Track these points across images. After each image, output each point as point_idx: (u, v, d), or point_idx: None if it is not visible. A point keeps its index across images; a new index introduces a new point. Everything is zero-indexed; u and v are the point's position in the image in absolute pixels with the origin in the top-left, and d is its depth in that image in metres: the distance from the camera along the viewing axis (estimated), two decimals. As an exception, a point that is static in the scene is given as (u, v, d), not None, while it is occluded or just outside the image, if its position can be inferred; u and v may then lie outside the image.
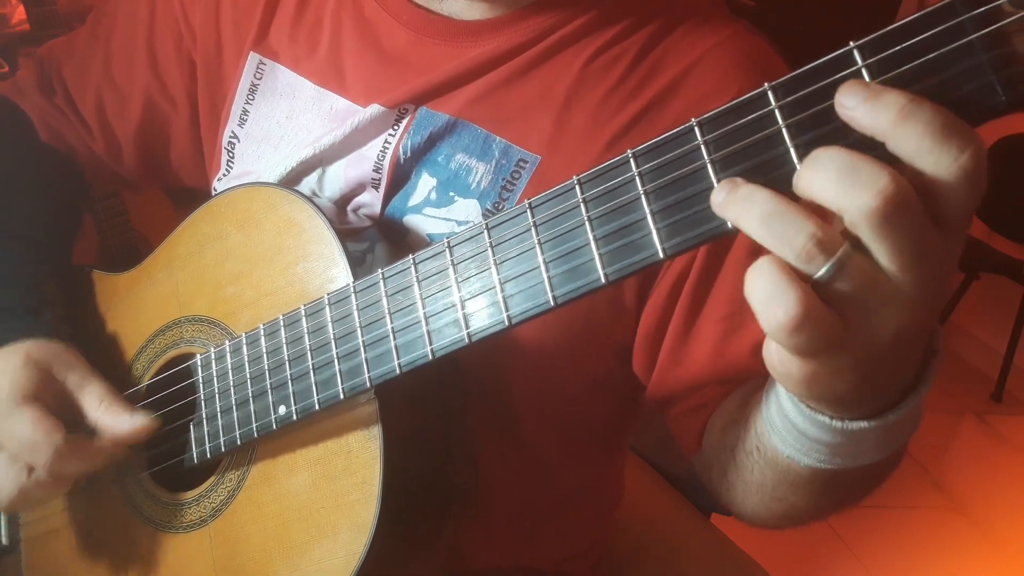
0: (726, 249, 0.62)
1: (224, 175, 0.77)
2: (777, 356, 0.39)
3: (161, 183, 0.93)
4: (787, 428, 0.48)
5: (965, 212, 0.35)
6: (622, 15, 0.65)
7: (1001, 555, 2.05)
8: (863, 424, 0.44)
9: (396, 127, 0.67)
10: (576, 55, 0.64)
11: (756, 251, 0.36)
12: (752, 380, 0.61)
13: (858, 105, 0.34)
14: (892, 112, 0.33)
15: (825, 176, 0.35)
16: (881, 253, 0.35)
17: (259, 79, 0.74)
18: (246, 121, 0.75)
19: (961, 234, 0.36)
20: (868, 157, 0.34)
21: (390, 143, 0.67)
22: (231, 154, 0.76)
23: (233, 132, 0.76)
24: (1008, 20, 0.33)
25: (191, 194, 0.88)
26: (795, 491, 0.53)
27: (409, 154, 0.67)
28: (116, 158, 0.85)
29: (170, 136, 0.84)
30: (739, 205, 0.37)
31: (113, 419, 0.62)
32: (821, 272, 0.35)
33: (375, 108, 0.67)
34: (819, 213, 0.36)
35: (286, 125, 0.73)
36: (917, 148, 0.33)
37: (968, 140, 0.33)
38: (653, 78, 0.63)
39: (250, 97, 0.75)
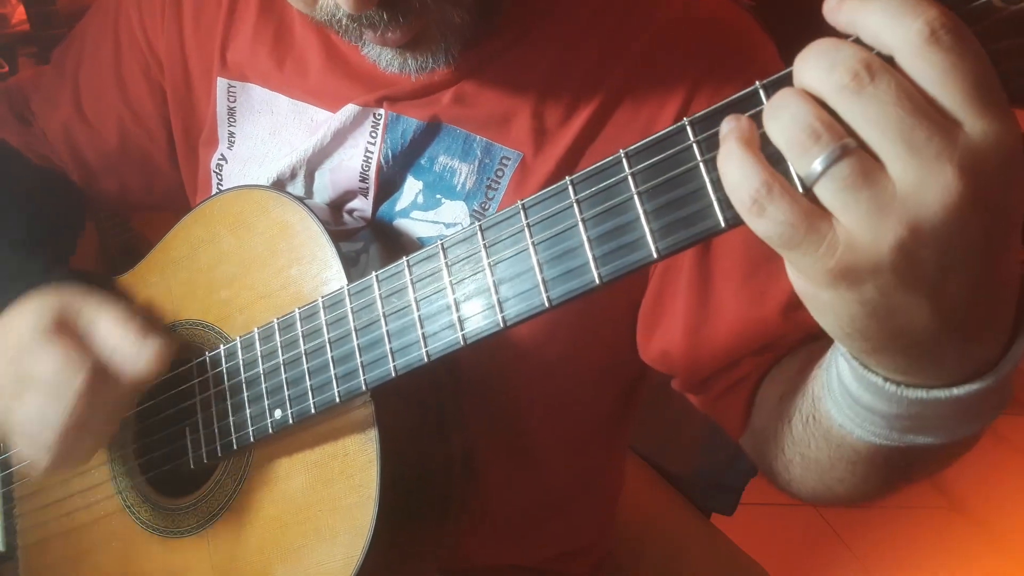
0: None
1: None
2: (790, 275, 0.37)
3: (140, 210, 0.93)
4: (841, 392, 0.44)
5: (961, 87, 0.32)
6: (592, 5, 0.65)
7: (1001, 555, 2.04)
8: (920, 393, 0.39)
9: (374, 133, 0.67)
10: (548, 46, 0.64)
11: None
12: (789, 342, 0.59)
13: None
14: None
15: (804, 62, 0.34)
16: (869, 130, 0.33)
17: (233, 102, 0.74)
18: (234, 143, 0.75)
19: (983, 123, 0.32)
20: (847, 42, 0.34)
21: (372, 152, 0.67)
22: (219, 177, 0.76)
23: (222, 155, 0.75)
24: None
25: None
26: (853, 471, 0.50)
27: (391, 161, 0.67)
28: (93, 188, 0.85)
29: (151, 165, 0.83)
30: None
31: (128, 350, 0.59)
32: (814, 165, 0.33)
33: (350, 108, 0.67)
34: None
35: (270, 142, 0.73)
36: (881, 21, 0.33)
37: (929, 4, 0.32)
38: (622, 58, 0.63)
39: (231, 120, 0.74)
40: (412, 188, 0.67)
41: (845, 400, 0.44)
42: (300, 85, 0.71)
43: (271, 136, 0.72)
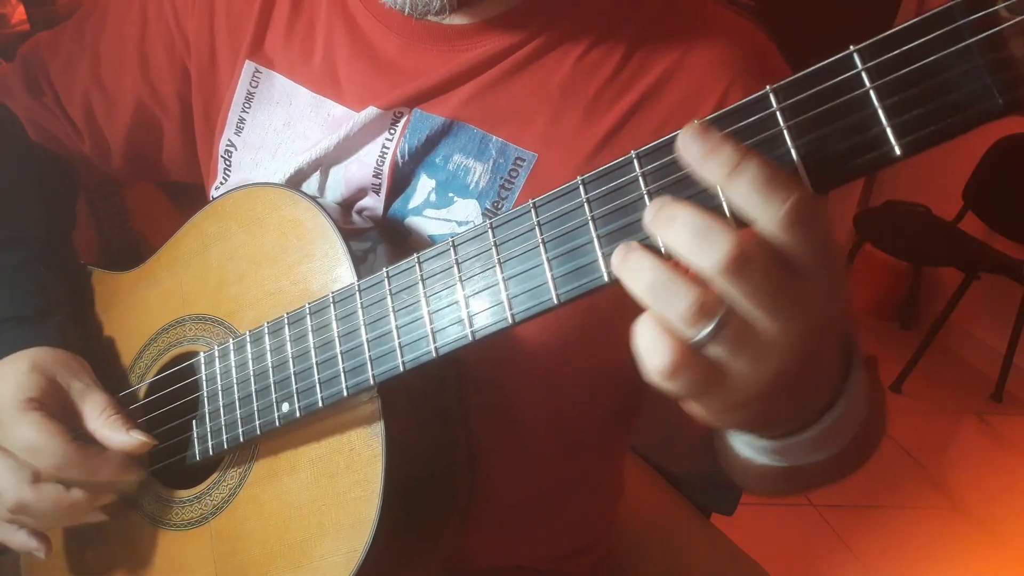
0: None
1: (221, 183, 0.77)
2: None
3: (149, 179, 0.94)
4: (735, 435, 0.53)
5: (811, 255, 0.37)
6: (613, 9, 0.65)
7: (1001, 555, 2.05)
8: (785, 442, 0.50)
9: (392, 130, 0.68)
10: (568, 51, 0.64)
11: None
12: None
13: (695, 162, 0.38)
14: (725, 169, 0.37)
15: (678, 236, 0.38)
16: (742, 304, 0.38)
17: (255, 87, 0.74)
18: (243, 129, 0.75)
19: (822, 276, 0.38)
20: (718, 218, 0.37)
21: (388, 147, 0.68)
22: (228, 163, 0.76)
23: (230, 140, 0.76)
24: (1005, 25, 0.33)
25: (191, 195, 0.88)
26: (766, 482, 0.57)
27: (407, 157, 0.67)
28: (104, 159, 0.86)
29: (161, 139, 0.84)
30: (628, 273, 0.40)
31: (111, 432, 0.63)
32: (700, 335, 0.38)
33: (371, 111, 0.67)
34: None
35: (284, 133, 0.73)
36: (747, 203, 0.37)
37: (789, 191, 0.36)
38: (645, 71, 0.63)
39: (246, 105, 0.75)
40: (425, 186, 0.67)
41: (740, 440, 0.53)
42: (324, 79, 0.71)
43: (285, 127, 0.73)
